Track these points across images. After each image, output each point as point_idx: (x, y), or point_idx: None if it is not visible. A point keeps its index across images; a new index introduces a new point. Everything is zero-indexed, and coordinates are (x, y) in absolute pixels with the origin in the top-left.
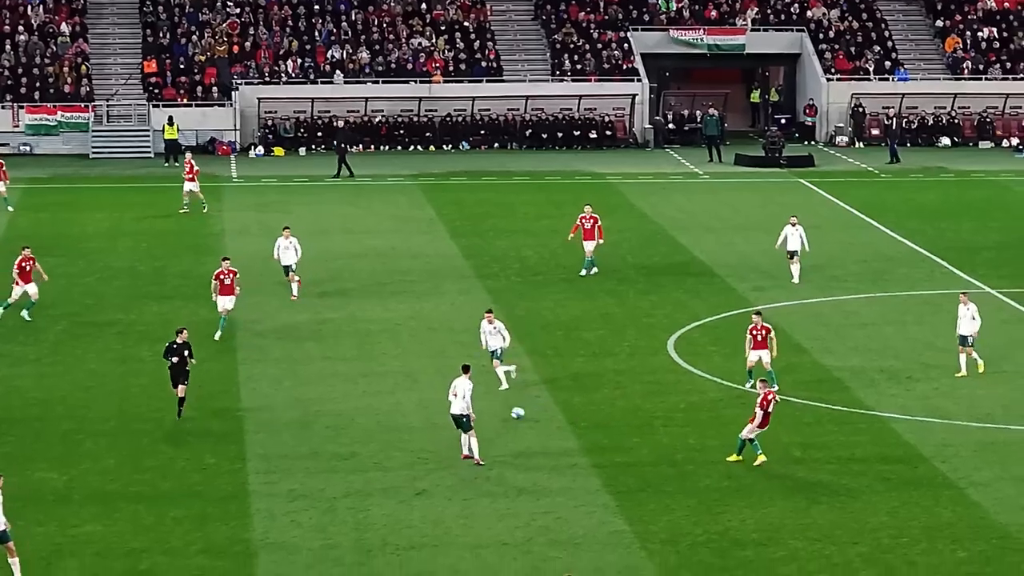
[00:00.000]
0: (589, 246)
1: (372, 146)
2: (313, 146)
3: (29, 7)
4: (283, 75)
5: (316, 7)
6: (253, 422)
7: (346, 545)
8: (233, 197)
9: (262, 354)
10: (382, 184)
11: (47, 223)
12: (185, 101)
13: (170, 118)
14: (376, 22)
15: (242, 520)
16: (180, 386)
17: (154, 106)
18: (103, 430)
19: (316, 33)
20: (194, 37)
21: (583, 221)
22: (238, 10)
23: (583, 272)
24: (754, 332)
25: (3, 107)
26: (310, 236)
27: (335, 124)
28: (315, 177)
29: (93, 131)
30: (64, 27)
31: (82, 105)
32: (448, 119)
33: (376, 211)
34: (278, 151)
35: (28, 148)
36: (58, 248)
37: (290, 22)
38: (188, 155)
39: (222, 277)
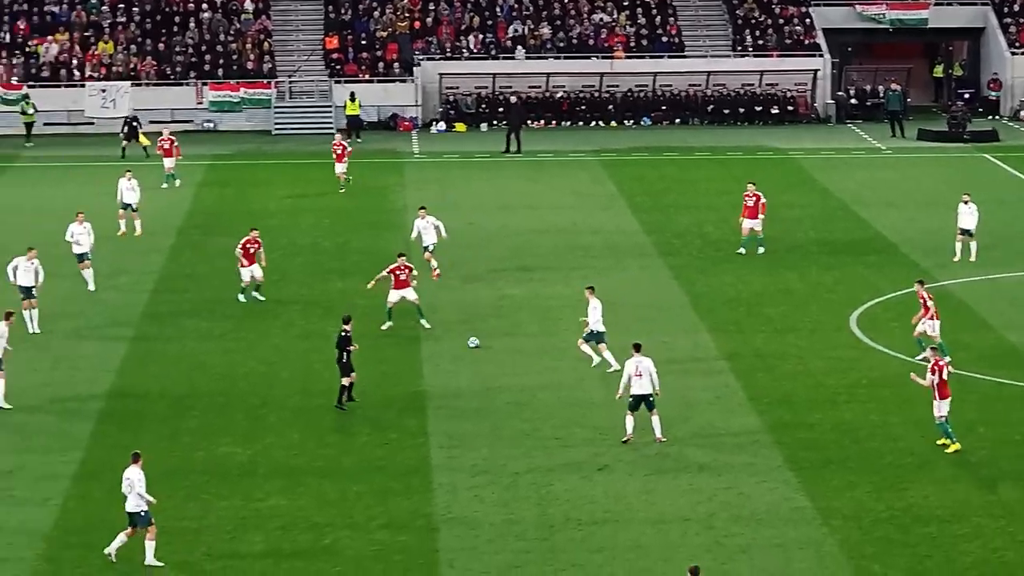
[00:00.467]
0: (748, 225)
1: (553, 122)
2: (494, 122)
3: None
4: (465, 51)
5: None
6: (435, 397)
7: (528, 520)
8: (414, 173)
9: (444, 330)
10: (563, 160)
11: (230, 200)
12: (367, 77)
13: (352, 94)
14: None
15: (424, 495)
16: (351, 375)
17: (336, 82)
18: (287, 405)
19: (498, 8)
20: (376, 13)
21: (747, 199)
22: None
23: (741, 250)
24: (921, 300)
25: (187, 84)
26: (491, 212)
27: (508, 100)
28: (496, 153)
29: (276, 107)
30: (247, 4)
31: (265, 82)
32: (629, 95)
33: (557, 187)
34: (459, 127)
35: (211, 125)
36: (242, 224)
37: None
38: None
39: (397, 272)
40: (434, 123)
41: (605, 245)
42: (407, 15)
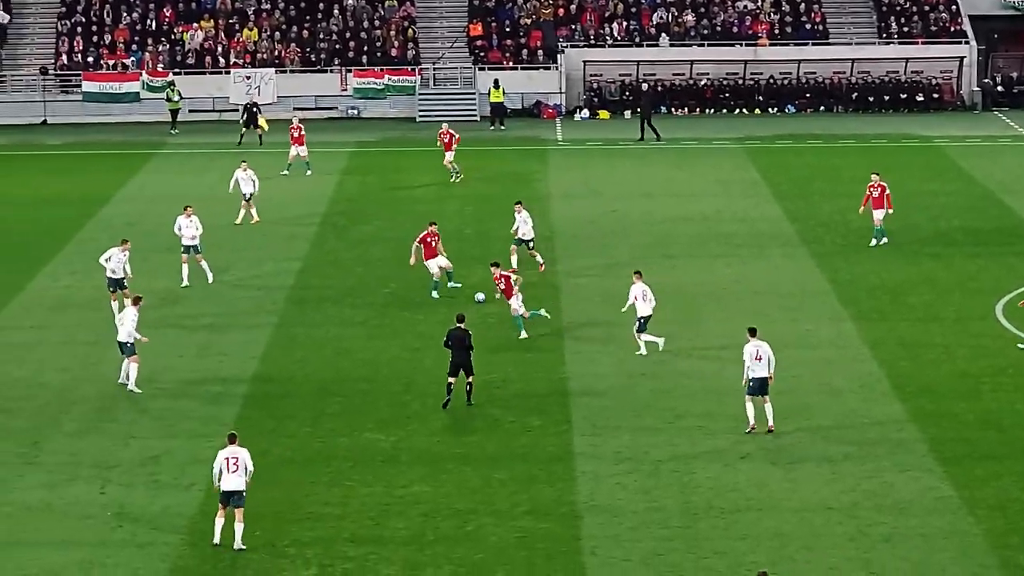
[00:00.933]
0: (878, 215)
1: (697, 109)
2: (638, 109)
3: None
4: (608, 38)
5: None
6: (578, 384)
7: (671, 508)
8: (558, 160)
9: (587, 317)
10: (707, 147)
11: (375, 186)
12: (511, 64)
13: (496, 81)
14: None
15: (567, 482)
16: (462, 374)
17: (480, 69)
18: (430, 392)
19: None
20: (520, 1)
21: (871, 190)
22: None
23: (873, 242)
24: None
25: (331, 71)
26: (634, 199)
27: (640, 87)
28: (639, 141)
29: (420, 94)
30: None
31: (409, 68)
32: (773, 82)
33: (701, 174)
34: (603, 114)
35: (356, 112)
36: (386, 211)
37: None
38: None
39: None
40: (578, 110)
41: (748, 233)
42: (551, 2)
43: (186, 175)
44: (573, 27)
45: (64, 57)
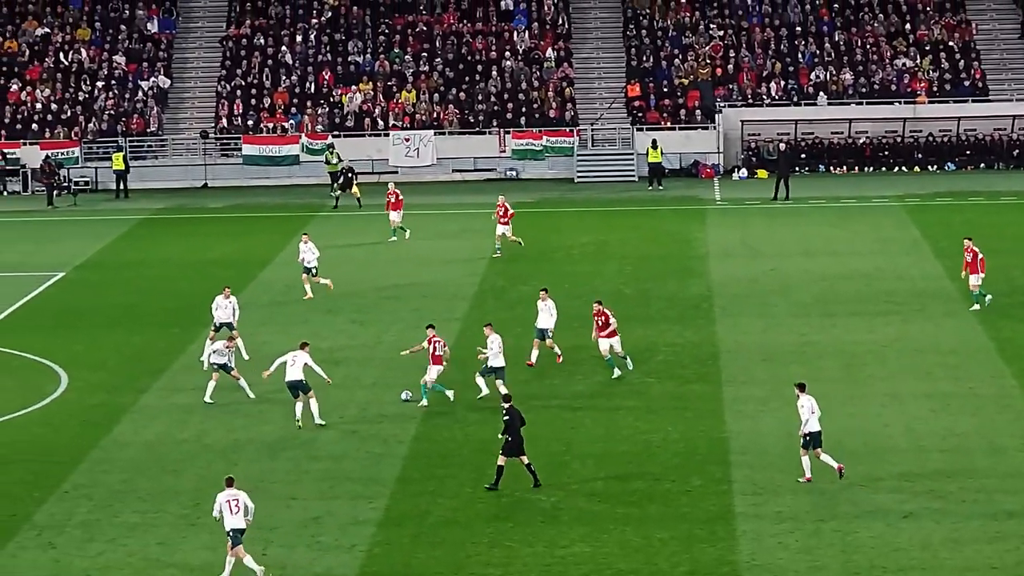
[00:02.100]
0: (974, 280)
1: (856, 168)
2: (796, 168)
3: (516, 33)
4: (766, 97)
5: (799, 28)
6: (738, 443)
7: (833, 568)
8: (716, 219)
9: (747, 376)
10: (866, 205)
11: (533, 247)
12: (668, 124)
13: (654, 141)
14: (860, 43)
15: (729, 542)
16: (518, 456)
17: (638, 129)
18: (590, 452)
19: (799, 54)
20: (677, 60)
21: (966, 254)
22: (721, 33)
23: (975, 307)
24: None
25: (490, 132)
26: (794, 258)
27: (777, 146)
28: (799, 199)
29: (578, 155)
30: (549, 52)
31: (567, 129)
32: (932, 139)
33: (860, 232)
34: (761, 173)
35: (514, 173)
36: (544, 272)
37: (772, 44)
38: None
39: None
40: (735, 170)
41: (909, 291)
42: (708, 62)
43: (346, 236)
44: (730, 87)
45: (224, 120)
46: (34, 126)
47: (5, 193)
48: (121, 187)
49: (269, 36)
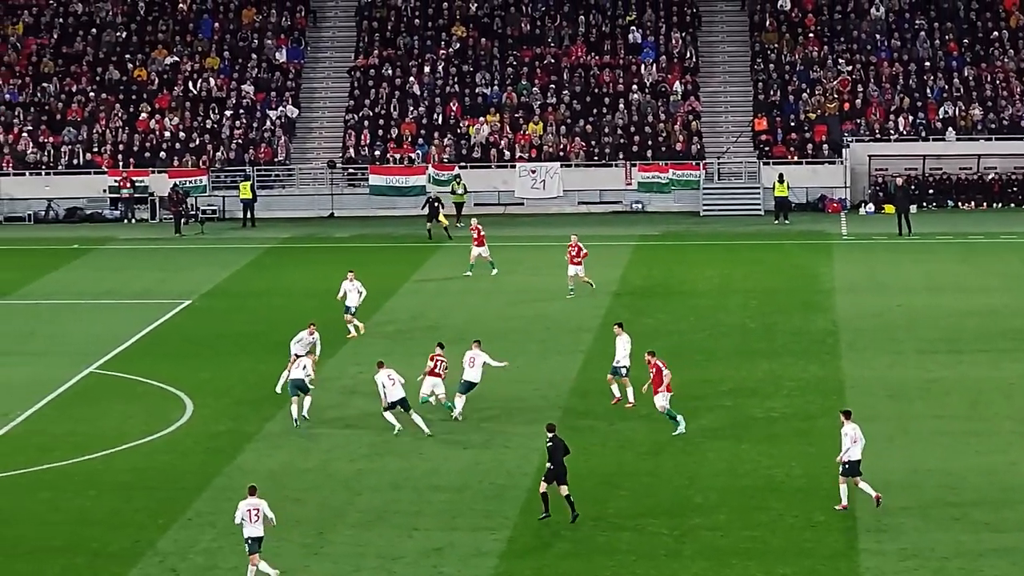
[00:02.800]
0: None
1: (984, 203)
2: (924, 203)
3: (643, 66)
4: (894, 132)
5: (927, 64)
6: (864, 479)
7: None
8: (843, 254)
9: (872, 411)
10: (994, 242)
11: (658, 280)
12: (795, 158)
13: (780, 175)
14: (989, 78)
15: None
16: (558, 484)
17: (764, 163)
18: (713, 486)
19: (928, 89)
20: (805, 95)
21: None
22: (849, 67)
23: None
24: None
25: (616, 165)
26: (920, 293)
27: (895, 182)
28: (926, 235)
29: (704, 189)
30: (676, 86)
31: (693, 163)
32: None
33: (988, 269)
34: (888, 209)
35: (639, 206)
36: (669, 305)
37: (901, 79)
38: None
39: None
40: (863, 205)
41: None
42: (836, 97)
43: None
44: (858, 121)
45: (351, 150)
46: (162, 154)
47: (133, 221)
48: (248, 216)
49: (397, 67)
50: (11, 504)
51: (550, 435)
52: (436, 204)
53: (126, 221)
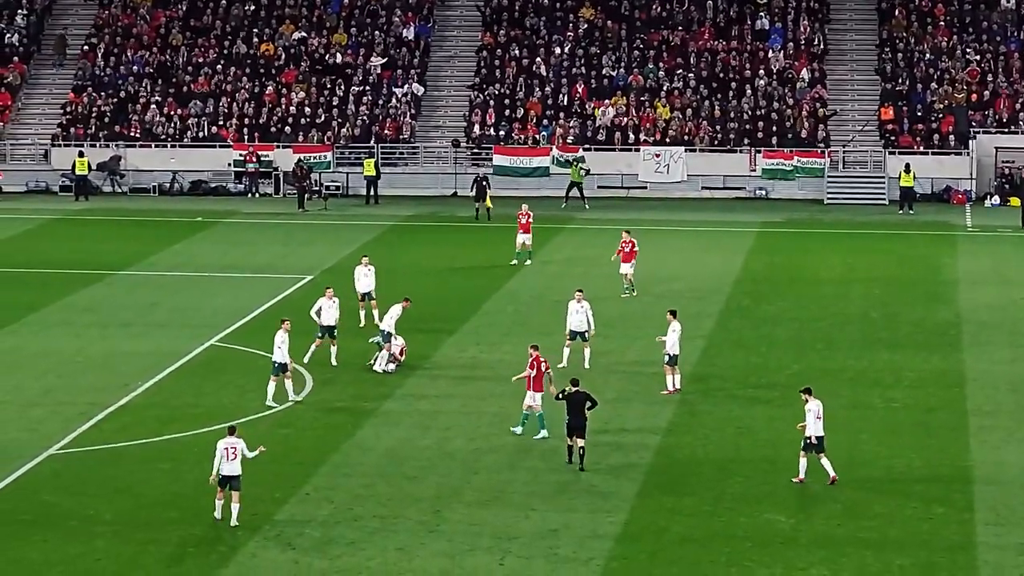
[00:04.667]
0: None
1: None
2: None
3: (770, 52)
4: (1022, 124)
5: None
6: (982, 473)
7: None
8: (967, 246)
9: (994, 405)
10: None
11: (781, 267)
12: (921, 149)
13: (907, 165)
14: None
15: (969, 572)
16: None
17: (890, 153)
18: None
19: None
20: (933, 85)
21: None
22: (977, 57)
23: None
24: None
25: (740, 151)
26: None
27: (1020, 174)
28: (1019, 228)
29: (828, 177)
30: (804, 72)
31: (818, 151)
32: None
33: None
34: (1014, 201)
35: (763, 192)
36: (791, 292)
37: None
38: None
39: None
40: (988, 197)
41: None
42: (964, 87)
43: (590, 248)
44: (986, 113)
45: (476, 129)
46: (287, 129)
47: (257, 195)
48: (371, 193)
49: (524, 47)
50: (131, 474)
51: (572, 388)
52: (484, 184)
53: (250, 195)
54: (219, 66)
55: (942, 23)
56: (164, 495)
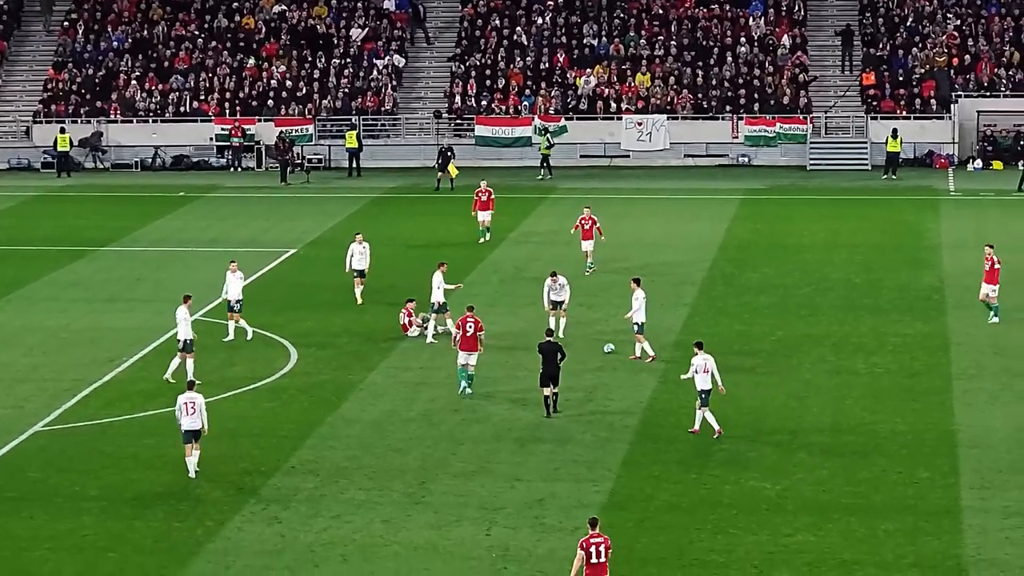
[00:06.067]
0: (986, 290)
1: None
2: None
3: (751, 19)
4: (1003, 87)
5: None
6: (967, 436)
7: None
8: (950, 210)
9: (978, 369)
10: None
11: (764, 234)
12: (903, 114)
13: (894, 131)
14: None
15: (954, 536)
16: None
17: (872, 118)
18: (816, 441)
19: None
20: (914, 50)
21: (985, 263)
22: (958, 21)
23: (993, 319)
24: None
25: (723, 118)
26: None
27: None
28: (1015, 192)
29: (811, 143)
30: (785, 39)
31: (800, 116)
32: None
33: None
34: (997, 165)
35: (746, 159)
36: (774, 259)
37: (1010, 33)
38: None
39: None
40: (971, 160)
41: None
42: (945, 51)
43: (573, 219)
44: (967, 76)
45: (458, 99)
46: (269, 103)
47: (240, 169)
48: (354, 165)
49: (505, 17)
50: (117, 449)
51: (542, 341)
52: (448, 154)
53: (232, 169)
54: (200, 40)
55: None
56: (150, 470)
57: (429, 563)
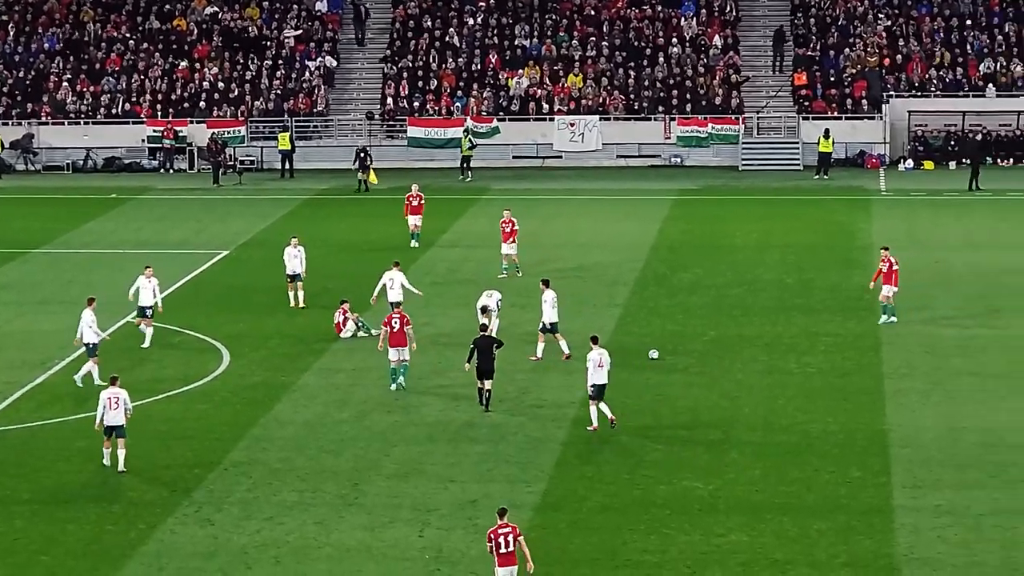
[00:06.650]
0: (886, 292)
1: None
2: (964, 160)
3: (682, 19)
4: (934, 88)
5: (968, 21)
6: (899, 436)
7: (992, 564)
8: (881, 210)
9: (909, 368)
10: None
11: (697, 234)
12: (835, 114)
13: (826, 131)
14: None
15: (886, 535)
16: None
17: (804, 119)
18: (749, 440)
19: (968, 45)
20: (846, 50)
21: (880, 264)
22: (889, 22)
23: (883, 319)
24: None
25: (655, 119)
26: (958, 250)
27: (968, 136)
28: (965, 191)
29: (743, 143)
30: (716, 39)
31: (732, 117)
32: None
33: None
34: (928, 164)
35: (678, 160)
36: (707, 259)
37: (941, 34)
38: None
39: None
40: (902, 160)
41: None
42: (877, 52)
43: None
44: (899, 76)
45: (390, 101)
46: (201, 104)
47: (172, 171)
48: (286, 167)
49: (437, 18)
50: (49, 452)
51: (480, 334)
52: (364, 156)
53: (164, 171)
54: (131, 42)
55: None
56: (82, 474)
57: (362, 565)
